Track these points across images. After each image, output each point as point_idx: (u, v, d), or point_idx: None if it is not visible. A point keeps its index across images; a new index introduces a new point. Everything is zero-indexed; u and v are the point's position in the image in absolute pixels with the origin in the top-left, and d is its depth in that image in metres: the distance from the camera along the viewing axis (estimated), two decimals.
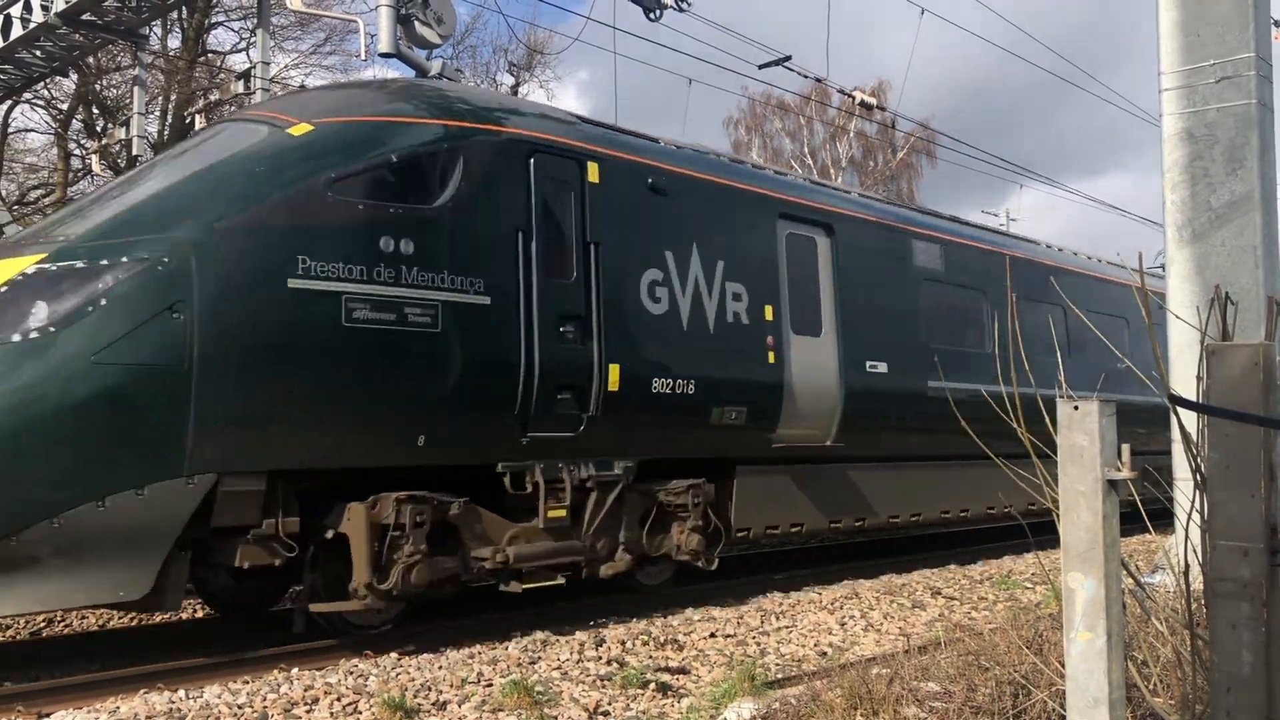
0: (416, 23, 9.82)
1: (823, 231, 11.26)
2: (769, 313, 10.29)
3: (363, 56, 9.52)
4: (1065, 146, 69.98)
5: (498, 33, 45.40)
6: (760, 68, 16.58)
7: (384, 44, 9.52)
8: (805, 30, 49.01)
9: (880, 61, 61.70)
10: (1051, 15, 64.00)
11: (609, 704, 6.21)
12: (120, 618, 9.32)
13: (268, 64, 15.81)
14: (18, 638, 8.71)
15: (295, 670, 6.92)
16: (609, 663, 7.22)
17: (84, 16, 15.48)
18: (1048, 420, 3.57)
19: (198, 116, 20.64)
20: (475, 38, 43.39)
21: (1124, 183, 73.12)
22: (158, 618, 9.31)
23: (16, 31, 15.86)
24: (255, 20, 16.19)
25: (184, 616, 9.44)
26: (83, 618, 9.25)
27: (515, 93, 29.01)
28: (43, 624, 8.96)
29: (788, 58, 16.25)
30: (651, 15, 12.73)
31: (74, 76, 22.06)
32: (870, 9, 57.91)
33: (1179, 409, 3.62)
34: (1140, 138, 77.69)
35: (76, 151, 26.15)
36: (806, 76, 17.15)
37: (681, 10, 12.96)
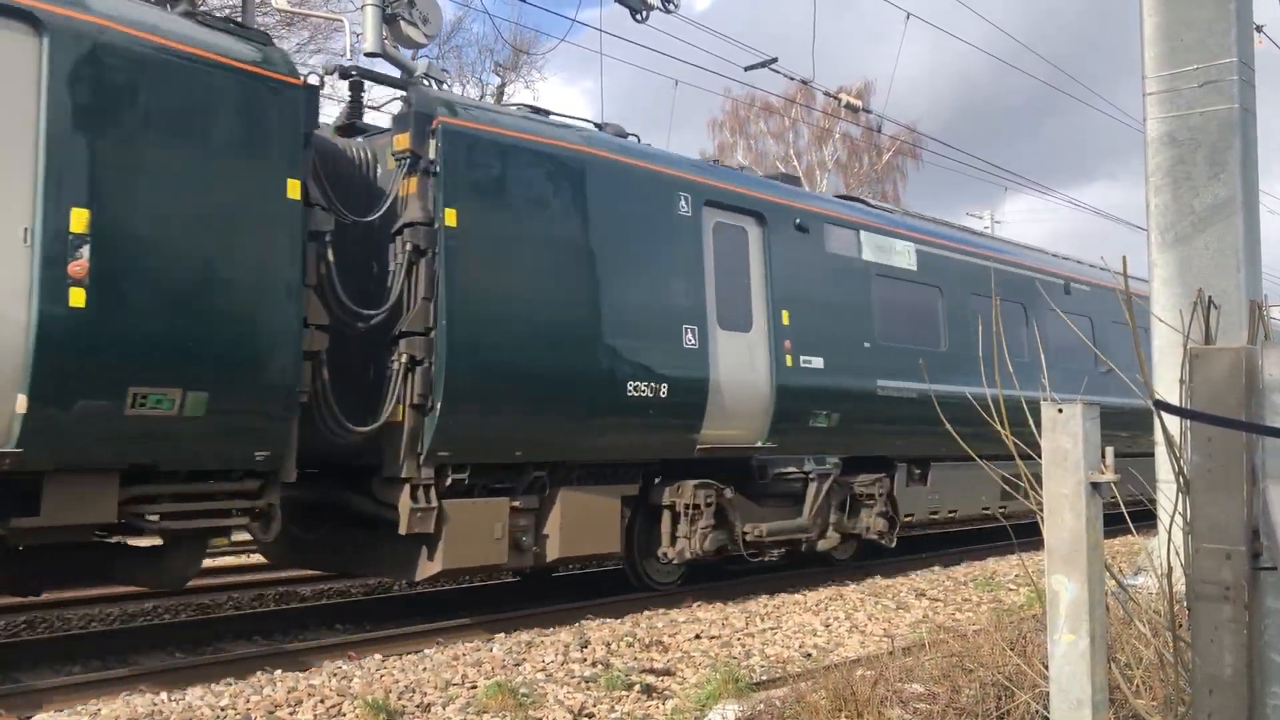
0: (402, 22, 9.74)
1: None
2: None
3: (347, 56, 9.43)
4: (1055, 153, 70.12)
5: (483, 33, 45.33)
6: (746, 69, 16.55)
7: (369, 43, 9.43)
8: (795, 33, 49.05)
9: (872, 66, 61.73)
10: (1048, 27, 64.31)
11: (593, 706, 6.20)
12: (102, 618, 9.25)
13: None
14: None
15: (279, 672, 6.89)
16: (593, 664, 7.21)
17: None
18: None
19: None
20: (460, 38, 43.29)
21: (1112, 190, 73.42)
22: (138, 620, 9.26)
23: None
24: (240, 19, 16.08)
25: (167, 618, 9.38)
26: (65, 619, 9.17)
27: (501, 94, 28.85)
28: (23, 625, 8.88)
29: (774, 60, 16.23)
30: (638, 16, 12.68)
31: None
32: (860, 13, 57.96)
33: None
34: (1128, 146, 77.98)
35: None
36: (792, 79, 17.14)
37: (668, 11, 12.91)
